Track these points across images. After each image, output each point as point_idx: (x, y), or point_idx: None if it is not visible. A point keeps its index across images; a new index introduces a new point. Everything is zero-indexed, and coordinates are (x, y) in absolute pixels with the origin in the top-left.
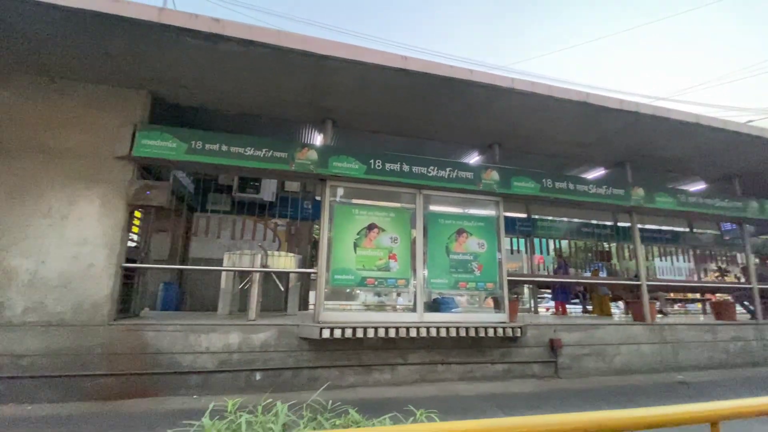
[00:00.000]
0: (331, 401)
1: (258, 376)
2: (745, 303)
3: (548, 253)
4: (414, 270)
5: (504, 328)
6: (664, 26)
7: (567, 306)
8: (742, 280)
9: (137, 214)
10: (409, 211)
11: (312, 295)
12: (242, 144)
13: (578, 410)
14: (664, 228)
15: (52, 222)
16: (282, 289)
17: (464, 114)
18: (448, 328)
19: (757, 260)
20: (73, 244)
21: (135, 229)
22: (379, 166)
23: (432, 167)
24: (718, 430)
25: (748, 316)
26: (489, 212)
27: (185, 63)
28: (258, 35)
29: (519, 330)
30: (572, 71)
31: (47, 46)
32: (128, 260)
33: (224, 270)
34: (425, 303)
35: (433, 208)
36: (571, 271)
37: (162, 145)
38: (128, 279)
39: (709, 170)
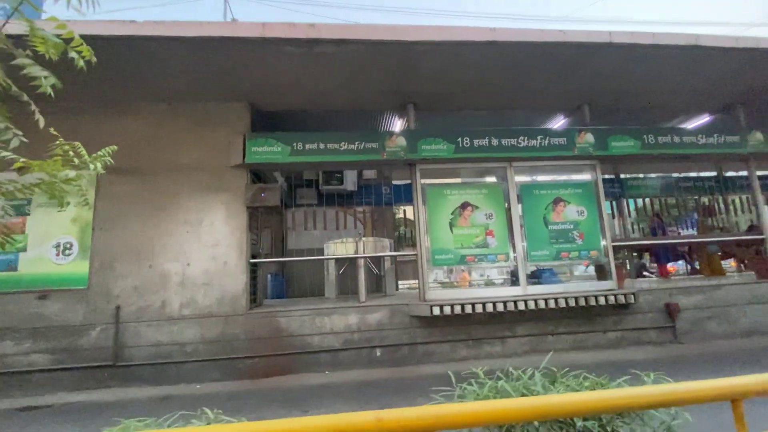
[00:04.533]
0: (516, 368)
1: (378, 352)
2: None
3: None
4: (513, 244)
5: (615, 296)
6: None
7: (670, 268)
8: None
9: None
10: (502, 186)
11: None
12: (337, 140)
13: (700, 376)
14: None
15: (190, 229)
16: (376, 272)
17: (551, 78)
18: (556, 299)
19: None
20: (209, 246)
21: None
22: (467, 143)
23: (522, 137)
24: (741, 407)
25: None
26: (586, 177)
27: (282, 70)
28: (350, 33)
29: (632, 296)
30: (635, 8)
31: (168, 74)
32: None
33: (333, 258)
34: (514, 276)
35: (526, 179)
36: (670, 230)
37: (269, 150)
38: (253, 273)
39: None
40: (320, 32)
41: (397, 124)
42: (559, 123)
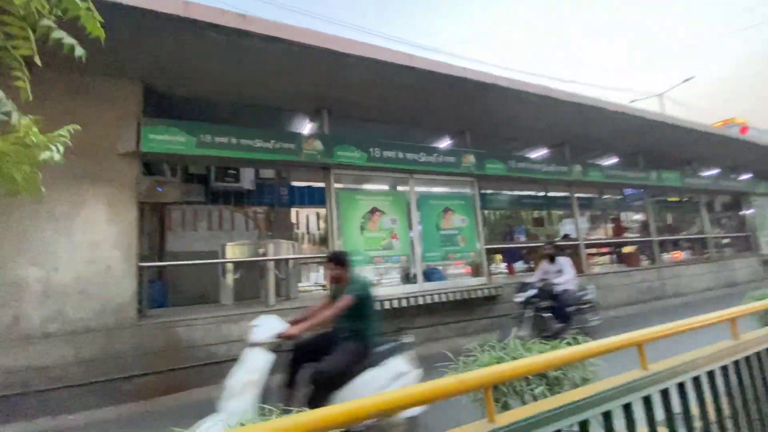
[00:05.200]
0: None
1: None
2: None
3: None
4: (412, 246)
5: (488, 289)
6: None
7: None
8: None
9: None
10: (405, 195)
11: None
12: (251, 136)
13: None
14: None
15: (59, 226)
16: (281, 276)
17: (446, 104)
18: (447, 294)
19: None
20: (86, 247)
21: None
22: (378, 154)
23: (422, 153)
24: (643, 350)
25: (648, 261)
26: (467, 191)
27: (195, 55)
28: (284, 32)
29: (500, 289)
30: (498, 55)
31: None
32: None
33: (235, 261)
34: (412, 275)
35: (423, 189)
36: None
37: (171, 140)
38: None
39: (622, 148)
40: (252, 25)
41: (307, 127)
42: (445, 143)
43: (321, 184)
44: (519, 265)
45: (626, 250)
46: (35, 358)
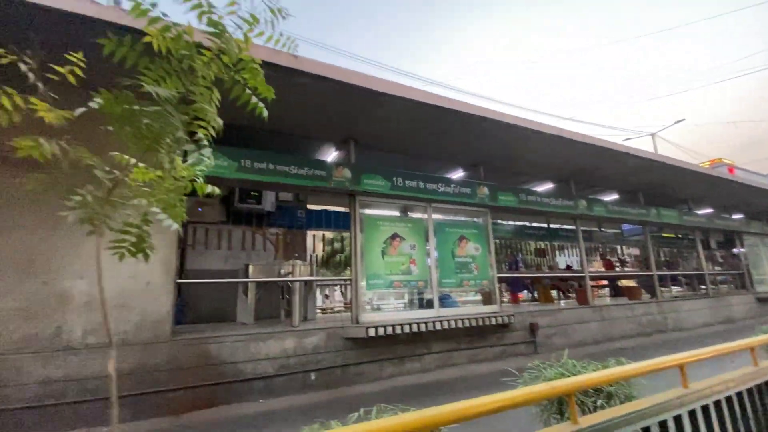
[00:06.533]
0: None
1: (313, 376)
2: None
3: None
4: (429, 272)
5: (500, 317)
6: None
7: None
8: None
9: None
10: (423, 222)
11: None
12: (286, 163)
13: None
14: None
15: (104, 239)
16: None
17: (464, 139)
18: (463, 320)
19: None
20: (129, 262)
21: None
22: (400, 183)
23: (440, 184)
24: (684, 371)
25: (648, 295)
26: (481, 221)
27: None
28: (330, 72)
29: (512, 317)
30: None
31: None
32: None
33: (278, 281)
34: (428, 300)
35: (440, 217)
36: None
37: (214, 164)
38: None
39: (623, 185)
40: (303, 65)
41: (332, 155)
42: (459, 175)
43: (336, 208)
44: (524, 295)
45: (626, 283)
46: (74, 369)
